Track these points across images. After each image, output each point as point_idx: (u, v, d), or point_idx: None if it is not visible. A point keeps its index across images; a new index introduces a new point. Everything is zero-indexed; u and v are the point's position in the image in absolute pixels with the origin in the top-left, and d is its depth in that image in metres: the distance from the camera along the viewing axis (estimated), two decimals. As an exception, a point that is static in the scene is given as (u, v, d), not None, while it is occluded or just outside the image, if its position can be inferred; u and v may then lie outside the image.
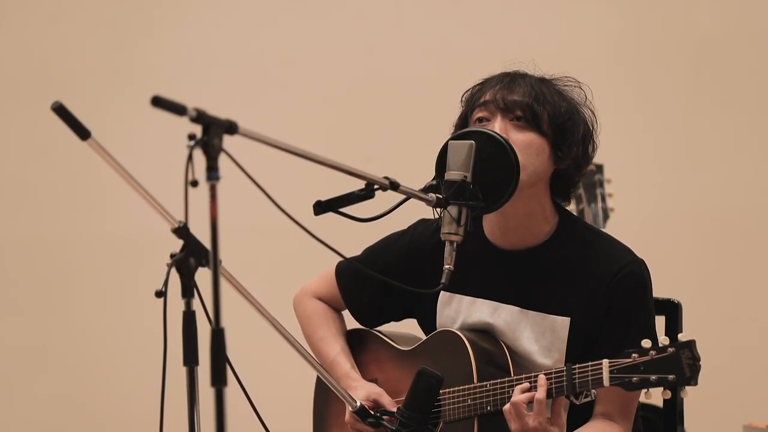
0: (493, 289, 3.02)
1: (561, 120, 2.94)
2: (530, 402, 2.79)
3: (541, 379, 2.79)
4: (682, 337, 2.69)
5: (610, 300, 2.93)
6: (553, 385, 2.78)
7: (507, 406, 2.81)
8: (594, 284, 2.94)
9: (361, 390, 3.05)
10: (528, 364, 2.98)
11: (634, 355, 2.69)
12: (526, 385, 2.82)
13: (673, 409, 3.22)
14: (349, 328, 3.30)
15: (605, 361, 2.72)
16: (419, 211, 2.99)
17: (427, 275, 3.00)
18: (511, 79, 2.98)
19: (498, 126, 2.92)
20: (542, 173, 2.94)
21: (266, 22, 5.40)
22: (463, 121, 3.03)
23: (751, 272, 5.43)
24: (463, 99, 3.05)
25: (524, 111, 2.92)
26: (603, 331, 2.93)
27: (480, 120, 2.97)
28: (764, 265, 5.43)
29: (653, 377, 2.67)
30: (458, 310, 3.06)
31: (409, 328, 3.23)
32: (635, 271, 2.96)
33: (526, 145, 2.90)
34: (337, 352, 3.18)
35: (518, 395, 2.80)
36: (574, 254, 2.98)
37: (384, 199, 2.70)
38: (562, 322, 2.95)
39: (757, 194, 5.44)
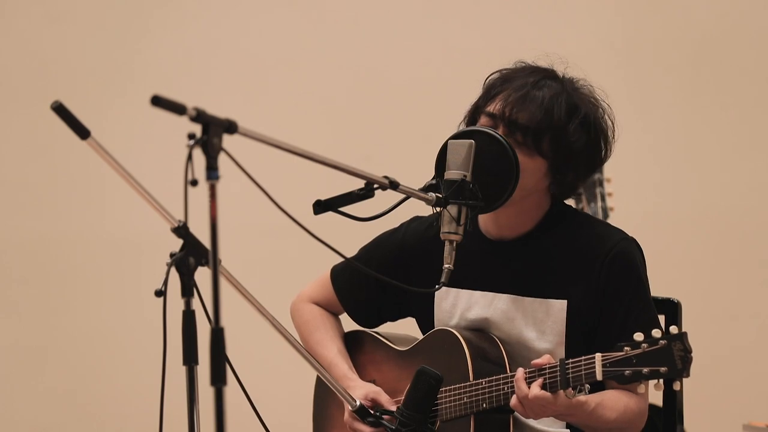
0: (488, 280, 3.03)
1: (564, 143, 2.92)
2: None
3: (519, 373, 2.80)
4: (673, 329, 2.70)
5: (606, 281, 2.94)
6: (547, 380, 2.78)
7: (515, 403, 2.81)
8: (587, 264, 2.95)
9: (359, 390, 3.05)
10: (527, 351, 2.98)
11: (626, 348, 2.70)
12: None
13: (673, 408, 3.22)
14: (346, 330, 3.30)
15: (598, 355, 2.73)
16: (419, 210, 2.99)
17: (421, 272, 3.00)
18: (525, 94, 2.93)
19: None
20: (535, 188, 2.96)
21: (265, 21, 5.40)
22: (475, 110, 3.01)
23: (751, 271, 5.43)
24: (484, 84, 3.02)
25: (525, 137, 2.91)
26: (603, 314, 2.94)
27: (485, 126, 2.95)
28: (763, 264, 5.43)
29: (645, 369, 2.69)
30: (455, 305, 3.07)
31: (406, 328, 3.23)
32: (626, 249, 2.96)
33: (521, 167, 2.88)
34: (334, 353, 3.18)
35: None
36: (565, 237, 3.00)
37: (384, 198, 2.70)
38: (560, 305, 2.96)
39: (756, 193, 5.44)
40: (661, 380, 2.70)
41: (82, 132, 2.45)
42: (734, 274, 5.42)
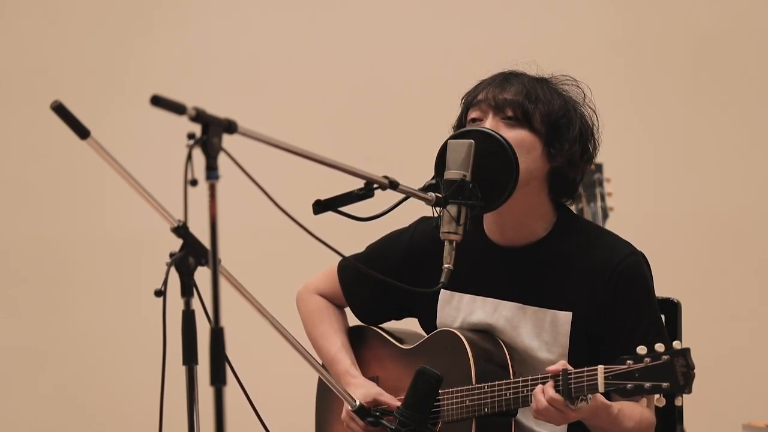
0: (493, 287, 3.02)
1: (554, 117, 2.94)
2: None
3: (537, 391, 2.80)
4: (676, 344, 2.69)
5: (613, 295, 2.93)
6: None
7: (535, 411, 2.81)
8: (594, 278, 2.94)
9: (360, 388, 3.05)
10: (530, 360, 2.98)
11: (629, 361, 2.69)
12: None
13: (672, 408, 3.21)
14: (351, 324, 3.30)
15: (600, 367, 2.71)
16: (418, 210, 2.99)
17: (427, 273, 2.99)
18: (504, 78, 2.99)
19: (489, 125, 2.92)
20: (535, 171, 2.94)
21: (265, 21, 5.41)
22: (459, 123, 3.04)
23: (750, 271, 5.43)
24: (461, 102, 3.06)
25: (515, 110, 2.93)
26: (609, 328, 2.93)
27: (473, 120, 2.97)
28: (763, 263, 5.43)
29: (647, 384, 2.67)
30: (458, 309, 3.06)
31: (411, 325, 3.23)
32: (634, 264, 2.96)
33: (517, 143, 2.89)
34: (337, 348, 3.18)
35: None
36: (573, 249, 2.99)
37: (383, 198, 2.70)
38: (564, 317, 2.95)
39: (755, 193, 5.44)
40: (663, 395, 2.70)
41: (82, 132, 2.45)
42: (734, 274, 5.42)
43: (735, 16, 5.43)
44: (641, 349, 2.69)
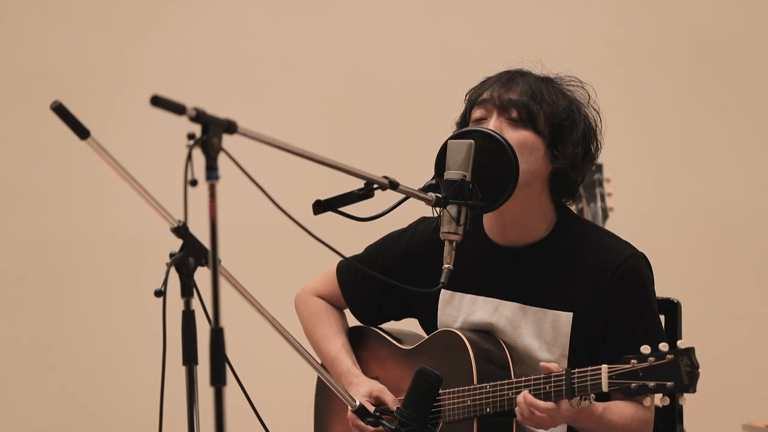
0: (494, 287, 3.02)
1: (558, 119, 2.94)
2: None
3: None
4: (681, 343, 2.69)
5: (614, 297, 2.93)
6: (553, 389, 2.78)
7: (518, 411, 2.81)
8: (595, 278, 2.94)
9: (363, 387, 3.05)
10: (530, 360, 2.98)
11: (633, 361, 2.69)
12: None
13: (673, 408, 3.22)
14: (350, 325, 3.30)
15: (604, 367, 2.72)
16: (418, 210, 2.99)
17: (427, 273, 3.00)
18: (509, 78, 2.98)
19: (493, 124, 2.92)
20: (537, 172, 2.94)
21: (265, 21, 5.41)
22: (463, 119, 3.04)
23: (750, 271, 5.43)
24: (465, 98, 3.05)
25: (520, 111, 2.92)
26: (609, 329, 2.93)
27: (478, 120, 2.97)
28: (763, 264, 5.43)
29: (652, 384, 2.67)
30: (459, 309, 3.06)
31: (411, 326, 3.23)
32: (636, 266, 2.96)
33: (520, 144, 2.89)
34: (338, 349, 3.18)
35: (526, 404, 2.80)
36: (574, 249, 2.98)
37: (383, 198, 2.70)
38: (565, 318, 2.95)
39: (755, 193, 5.44)
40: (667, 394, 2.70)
41: (82, 132, 2.45)
42: (734, 274, 5.43)
43: (735, 16, 5.44)
44: (645, 349, 2.69)
